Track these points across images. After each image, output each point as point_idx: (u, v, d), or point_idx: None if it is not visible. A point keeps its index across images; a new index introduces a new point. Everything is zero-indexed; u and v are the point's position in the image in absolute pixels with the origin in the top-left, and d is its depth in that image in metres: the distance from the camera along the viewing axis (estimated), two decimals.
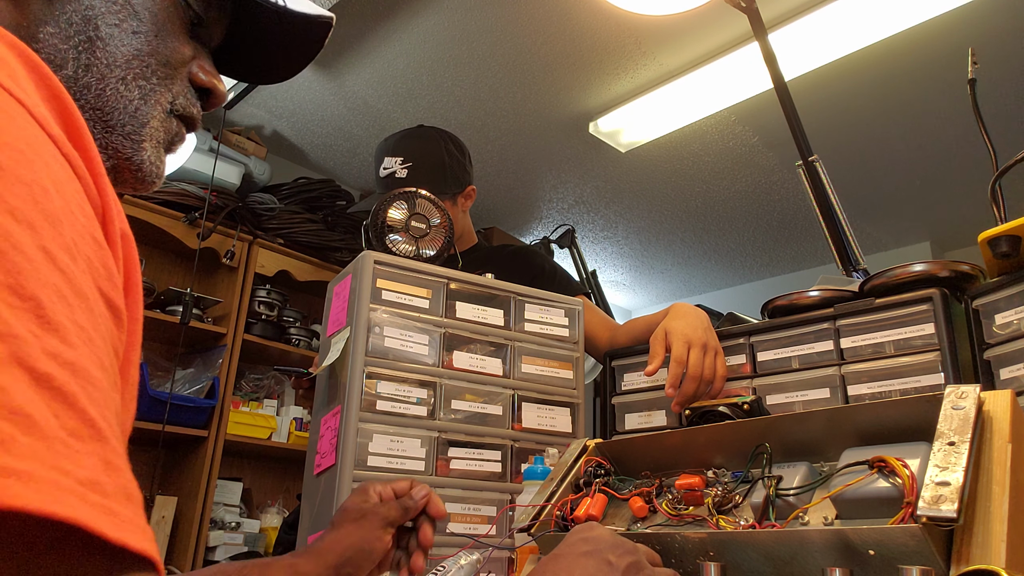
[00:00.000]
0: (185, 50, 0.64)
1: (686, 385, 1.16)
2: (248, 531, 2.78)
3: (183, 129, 0.65)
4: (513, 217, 4.09)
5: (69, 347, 0.31)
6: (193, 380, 2.74)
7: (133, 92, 0.59)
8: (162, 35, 0.61)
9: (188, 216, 2.77)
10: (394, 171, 1.68)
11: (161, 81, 0.61)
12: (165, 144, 0.63)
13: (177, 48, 0.63)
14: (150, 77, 0.60)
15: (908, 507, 0.57)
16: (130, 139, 0.59)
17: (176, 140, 0.65)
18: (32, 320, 0.30)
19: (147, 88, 0.60)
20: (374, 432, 1.10)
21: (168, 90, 0.62)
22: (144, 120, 0.60)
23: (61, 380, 0.30)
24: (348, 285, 1.18)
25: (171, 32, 0.62)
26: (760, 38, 1.42)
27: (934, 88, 2.86)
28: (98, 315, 0.35)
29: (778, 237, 4.13)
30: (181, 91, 0.64)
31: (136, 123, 0.59)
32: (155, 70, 0.61)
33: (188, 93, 0.65)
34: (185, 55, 0.64)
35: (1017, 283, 0.95)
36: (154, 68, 0.61)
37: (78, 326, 0.32)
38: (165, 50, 0.62)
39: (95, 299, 0.35)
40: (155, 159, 0.62)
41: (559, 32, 2.68)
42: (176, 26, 0.63)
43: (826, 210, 1.36)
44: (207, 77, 0.66)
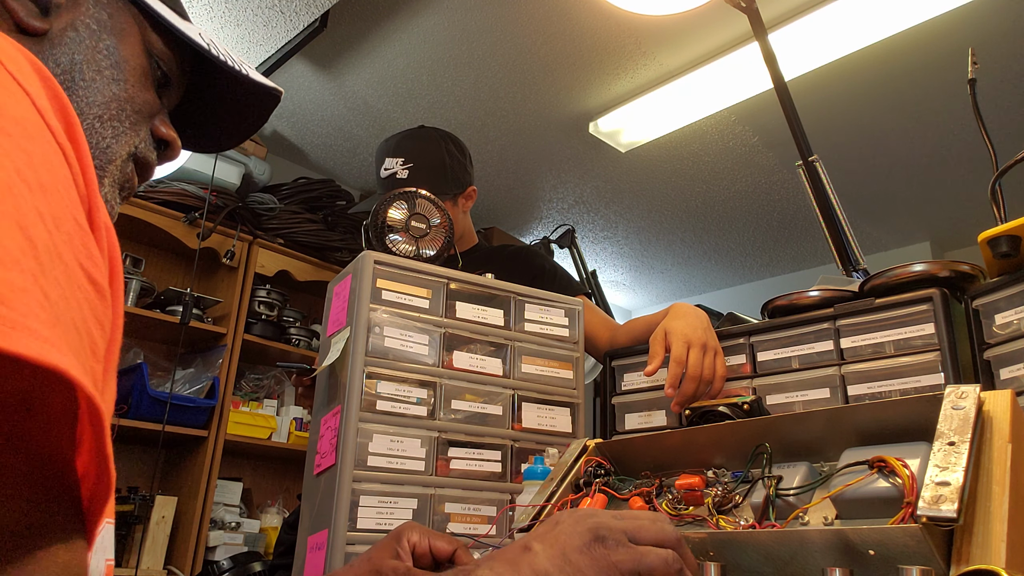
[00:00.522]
0: (153, 103, 0.71)
1: (686, 385, 1.16)
2: (248, 531, 2.78)
3: (135, 177, 0.71)
4: (513, 217, 4.09)
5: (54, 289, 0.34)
6: (193, 380, 2.74)
7: (107, 131, 0.65)
8: (137, 86, 0.68)
9: (188, 216, 2.77)
10: (395, 172, 1.68)
11: (132, 126, 0.68)
12: (120, 184, 0.68)
13: (148, 100, 0.70)
14: (124, 120, 0.67)
15: (908, 507, 0.57)
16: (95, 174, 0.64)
17: (129, 185, 0.70)
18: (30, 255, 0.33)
19: (119, 130, 0.66)
20: (374, 432, 1.10)
21: (136, 135, 0.69)
22: (111, 158, 0.65)
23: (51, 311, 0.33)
24: (348, 285, 1.18)
25: (144, 85, 0.69)
26: (760, 38, 1.42)
27: (934, 88, 2.86)
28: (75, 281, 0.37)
29: (778, 237, 4.13)
30: (144, 138, 0.70)
31: (104, 159, 0.65)
32: (128, 115, 0.67)
33: (149, 141, 0.71)
34: (155, 107, 0.71)
35: (1017, 283, 0.95)
36: (128, 113, 0.67)
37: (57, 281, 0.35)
38: (139, 99, 0.68)
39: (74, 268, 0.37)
40: (111, 198, 0.67)
41: (559, 32, 2.68)
42: (148, 81, 0.70)
43: (826, 210, 1.36)
44: (167, 130, 0.73)
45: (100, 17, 0.66)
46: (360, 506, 1.06)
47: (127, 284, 2.66)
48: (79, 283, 0.37)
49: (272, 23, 2.53)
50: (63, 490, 0.35)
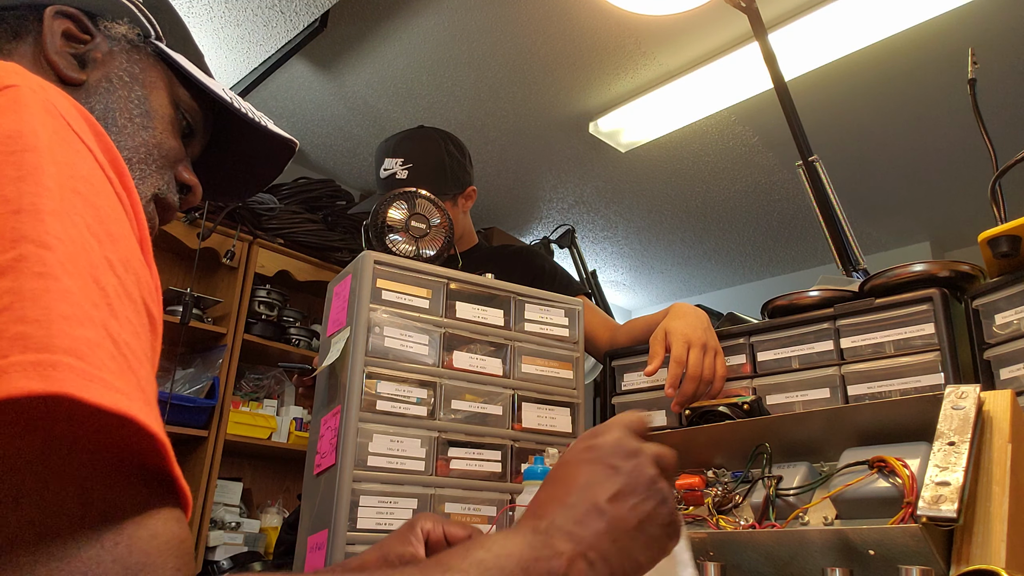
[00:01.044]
0: (179, 150, 0.77)
1: (686, 385, 1.16)
2: (248, 531, 2.78)
3: (156, 217, 0.76)
4: (513, 217, 4.09)
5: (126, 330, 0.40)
6: (193, 380, 2.74)
7: (135, 172, 0.70)
8: (165, 134, 0.74)
9: (188, 216, 2.77)
10: (394, 172, 1.68)
11: (158, 170, 0.73)
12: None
13: (174, 146, 0.76)
14: (150, 164, 0.72)
15: (908, 507, 0.57)
16: None
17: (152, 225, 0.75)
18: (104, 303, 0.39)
19: (146, 172, 0.72)
20: (374, 432, 1.10)
21: (161, 178, 0.74)
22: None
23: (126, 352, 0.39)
24: (348, 285, 1.18)
25: (171, 134, 0.75)
26: (760, 38, 1.42)
27: (934, 88, 2.86)
28: (140, 317, 0.42)
29: (778, 237, 4.13)
30: (168, 182, 0.76)
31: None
32: (156, 159, 0.73)
33: (173, 185, 0.77)
34: (179, 154, 0.77)
35: (1017, 283, 0.95)
36: (155, 158, 0.73)
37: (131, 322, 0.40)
38: (166, 146, 0.74)
39: (140, 306, 0.42)
40: None
41: (559, 32, 2.68)
42: (175, 130, 0.76)
43: (826, 210, 1.36)
44: (190, 176, 0.79)
45: (132, 71, 0.72)
46: (360, 506, 1.06)
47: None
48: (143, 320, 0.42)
49: (272, 23, 2.53)
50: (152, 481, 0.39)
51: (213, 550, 2.64)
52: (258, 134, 0.83)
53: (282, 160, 0.88)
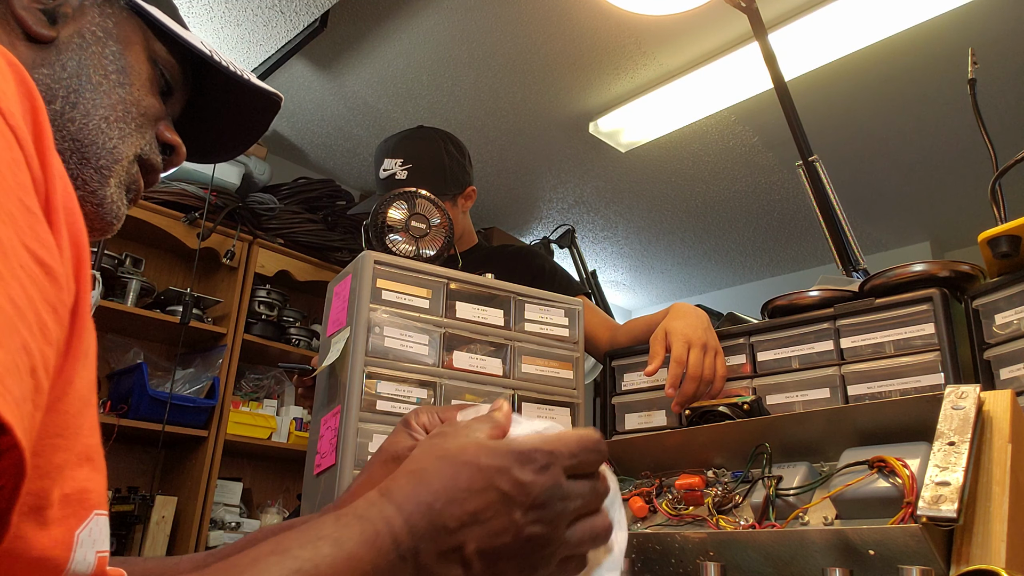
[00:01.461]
0: (158, 108, 0.73)
1: (686, 385, 1.16)
2: (248, 531, 2.78)
3: (141, 178, 0.73)
4: (513, 217, 4.09)
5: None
6: (193, 380, 2.74)
7: (113, 131, 0.67)
8: (142, 91, 0.71)
9: (188, 216, 2.77)
10: (394, 172, 1.68)
11: (138, 128, 0.70)
12: (127, 186, 0.70)
13: (153, 104, 0.72)
14: (129, 123, 0.69)
15: (908, 507, 0.57)
16: (100, 172, 0.66)
17: (135, 187, 0.72)
18: None
19: (125, 131, 0.68)
20: (374, 432, 1.10)
21: (142, 137, 0.71)
22: (118, 157, 0.67)
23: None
24: (348, 285, 1.18)
25: (149, 91, 0.72)
26: (760, 38, 1.42)
27: (934, 88, 2.86)
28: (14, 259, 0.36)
29: (778, 237, 4.13)
30: (150, 142, 0.73)
31: (110, 158, 0.67)
32: (134, 117, 0.70)
33: (154, 145, 0.73)
34: (158, 112, 0.74)
35: (1017, 283, 0.95)
36: (134, 115, 0.70)
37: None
38: (145, 103, 0.71)
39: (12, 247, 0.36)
40: (117, 198, 0.68)
41: (559, 32, 2.68)
42: (153, 87, 0.73)
43: (826, 210, 1.36)
44: (172, 135, 0.75)
45: (105, 25, 0.69)
46: None
47: (127, 284, 2.66)
48: (23, 263, 0.36)
49: (272, 23, 2.53)
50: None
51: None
52: (241, 89, 0.80)
53: (267, 116, 0.84)
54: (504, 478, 0.50)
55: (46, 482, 0.39)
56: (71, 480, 0.41)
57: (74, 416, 0.42)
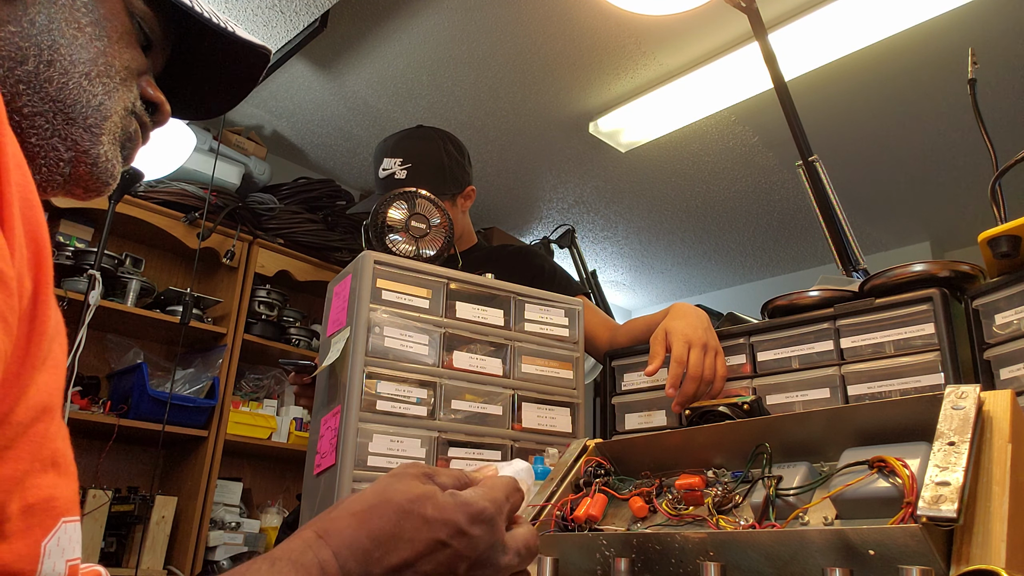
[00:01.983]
0: (140, 61, 0.68)
1: (686, 385, 1.16)
2: (248, 531, 2.78)
3: (139, 135, 0.69)
4: (513, 217, 4.09)
5: None
6: (193, 380, 2.74)
7: (97, 88, 0.62)
8: (121, 44, 0.66)
9: (188, 216, 2.77)
10: (393, 172, 1.68)
11: (122, 82, 0.65)
12: (122, 142, 0.66)
13: (135, 56, 0.67)
14: (114, 76, 0.64)
15: (908, 507, 0.57)
16: (90, 131, 0.62)
17: (133, 142, 0.68)
18: None
19: (111, 86, 0.64)
20: (374, 432, 1.10)
21: (129, 91, 0.66)
22: (106, 114, 0.63)
23: None
24: (348, 285, 1.18)
25: (129, 43, 0.67)
26: (760, 38, 1.42)
27: (934, 88, 2.86)
28: None
29: (778, 237, 4.13)
30: (136, 98, 0.68)
31: (99, 116, 0.62)
32: (118, 70, 0.65)
33: (139, 102, 0.69)
34: (143, 64, 0.68)
35: (1017, 283, 0.95)
36: (117, 69, 0.65)
37: None
38: (127, 55, 0.66)
39: None
40: (111, 156, 0.64)
41: (559, 32, 2.68)
42: (132, 40, 0.67)
43: (826, 210, 1.36)
44: (155, 92, 0.70)
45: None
46: None
47: (127, 284, 2.66)
48: None
49: (272, 23, 2.53)
50: None
51: (213, 550, 2.64)
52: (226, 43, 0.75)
53: (256, 70, 0.79)
54: (452, 533, 0.50)
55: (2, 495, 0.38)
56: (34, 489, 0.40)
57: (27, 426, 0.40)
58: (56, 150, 0.60)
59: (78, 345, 1.98)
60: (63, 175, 0.61)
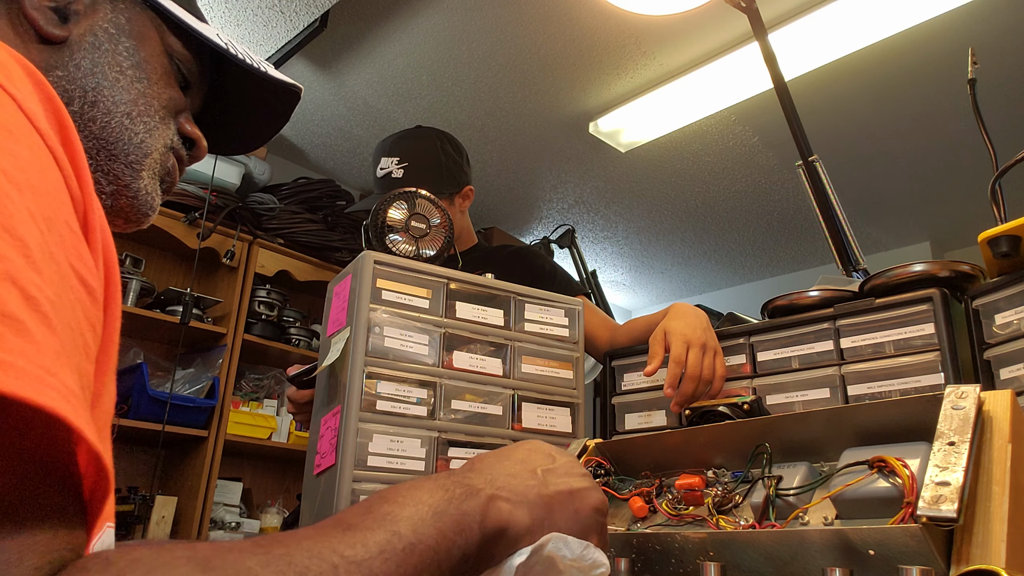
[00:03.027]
0: (179, 100, 0.72)
1: (685, 385, 1.16)
2: (248, 531, 2.78)
3: (177, 169, 0.72)
4: (513, 217, 4.09)
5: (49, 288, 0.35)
6: (193, 380, 2.74)
7: (139, 126, 0.66)
8: (161, 84, 0.70)
9: (188, 216, 2.77)
10: (390, 171, 1.68)
11: (162, 120, 0.69)
12: (161, 176, 0.70)
13: (174, 96, 0.72)
14: (154, 115, 0.68)
15: (908, 507, 0.57)
16: (131, 167, 0.66)
17: (171, 177, 0.72)
18: (21, 254, 0.34)
19: (151, 124, 0.68)
20: (374, 432, 1.10)
21: (168, 129, 0.70)
22: (147, 151, 0.67)
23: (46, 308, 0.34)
24: (348, 285, 1.18)
25: (168, 83, 0.71)
26: (760, 38, 1.42)
27: (934, 88, 2.86)
28: (68, 282, 0.37)
29: (778, 237, 4.13)
30: (175, 134, 0.72)
31: (139, 153, 0.66)
32: (157, 110, 0.69)
33: (178, 138, 0.73)
34: (179, 104, 0.73)
35: (1017, 283, 0.95)
36: (156, 108, 0.69)
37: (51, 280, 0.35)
38: (164, 96, 0.70)
39: (66, 269, 0.37)
40: (151, 190, 0.68)
41: (559, 32, 2.68)
42: (171, 81, 0.72)
43: (826, 210, 1.36)
44: (192, 128, 0.75)
45: (118, 21, 0.68)
46: None
47: (127, 284, 2.66)
48: (71, 284, 0.37)
49: (272, 23, 2.53)
50: (66, 479, 0.36)
51: None
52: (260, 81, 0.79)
53: (288, 107, 0.83)
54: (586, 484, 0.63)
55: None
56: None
57: (101, 430, 0.42)
58: (99, 184, 0.64)
59: None
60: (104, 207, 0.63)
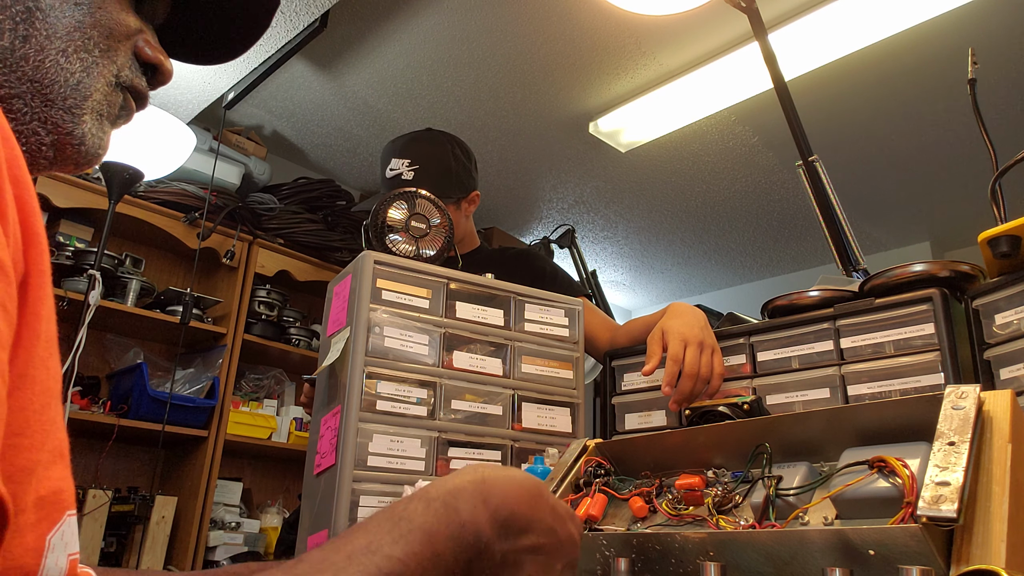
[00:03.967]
0: (130, 22, 0.63)
1: (683, 383, 1.16)
2: (248, 531, 2.78)
3: (131, 102, 0.65)
4: (513, 217, 4.09)
5: None
6: (193, 380, 2.74)
7: (74, 65, 0.58)
8: (105, 7, 0.61)
9: (188, 216, 2.77)
10: (400, 173, 1.68)
11: (104, 53, 0.61)
12: (110, 117, 0.63)
13: (121, 20, 0.62)
14: (92, 49, 0.59)
15: (908, 507, 0.57)
16: (70, 112, 0.58)
17: (123, 113, 0.64)
18: None
19: (89, 61, 0.59)
20: (374, 432, 1.10)
21: (112, 62, 0.62)
22: (86, 93, 0.59)
23: None
24: (348, 285, 1.18)
25: (114, 4, 0.62)
26: (760, 38, 1.42)
27: (934, 88, 2.86)
28: None
29: (778, 237, 4.13)
30: (126, 64, 0.63)
31: (78, 96, 0.59)
32: (98, 42, 0.60)
33: (133, 67, 0.64)
34: (130, 27, 0.63)
35: (1017, 283, 0.95)
36: (96, 40, 0.60)
37: None
38: (108, 22, 0.61)
39: None
40: (97, 131, 0.61)
41: (559, 32, 2.68)
42: (121, 2, 0.62)
43: (826, 210, 1.36)
44: (152, 52, 0.65)
45: None
46: (360, 506, 1.06)
47: (127, 284, 2.66)
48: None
49: (272, 23, 2.52)
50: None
51: (213, 550, 2.64)
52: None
53: (268, 10, 0.75)
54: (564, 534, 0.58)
55: (15, 486, 0.37)
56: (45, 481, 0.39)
57: (37, 412, 0.39)
58: (37, 134, 0.57)
59: (78, 345, 1.98)
60: (48, 158, 0.58)
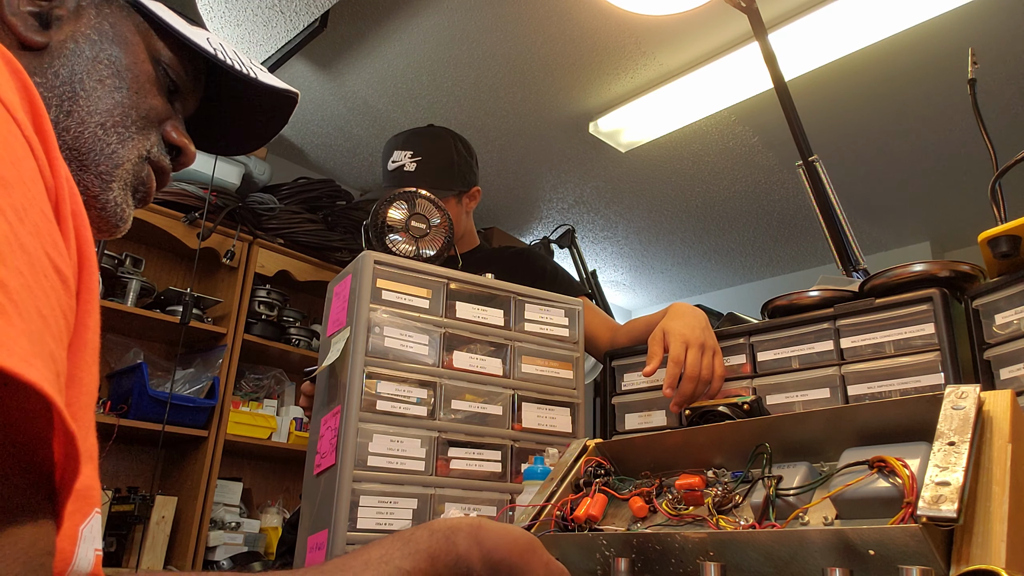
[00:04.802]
0: (162, 109, 0.72)
1: (684, 385, 1.16)
2: (248, 531, 2.78)
3: (153, 179, 0.72)
4: (513, 217, 4.09)
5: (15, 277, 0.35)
6: (193, 380, 2.74)
7: (111, 137, 0.66)
8: (142, 93, 0.69)
9: (188, 216, 2.77)
10: (402, 164, 1.68)
11: (140, 130, 0.69)
12: (133, 188, 0.70)
13: (155, 106, 0.71)
14: (129, 126, 0.68)
15: (908, 507, 0.57)
16: (101, 178, 0.66)
17: (146, 187, 0.71)
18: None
19: (125, 135, 0.67)
20: (374, 432, 1.10)
21: (146, 139, 0.70)
22: (118, 162, 0.67)
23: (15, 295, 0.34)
24: (348, 285, 1.18)
25: (150, 92, 0.70)
26: (760, 38, 1.42)
27: (934, 88, 2.86)
28: (41, 270, 0.38)
29: (778, 237, 4.13)
30: (156, 143, 0.71)
31: (110, 164, 0.66)
32: (134, 120, 0.68)
33: (161, 146, 0.72)
34: (161, 113, 0.72)
35: (1017, 283, 0.95)
36: (133, 119, 0.68)
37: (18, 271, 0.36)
38: (144, 106, 0.69)
39: (39, 257, 0.38)
40: (121, 201, 0.68)
41: (559, 32, 2.68)
42: (155, 88, 0.71)
43: (826, 210, 1.36)
44: (179, 136, 0.74)
45: (102, 28, 0.67)
46: (360, 506, 1.06)
47: (127, 284, 2.66)
48: (45, 272, 0.38)
49: (272, 23, 2.53)
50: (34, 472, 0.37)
51: (213, 550, 2.64)
52: (255, 84, 0.78)
53: (285, 112, 0.82)
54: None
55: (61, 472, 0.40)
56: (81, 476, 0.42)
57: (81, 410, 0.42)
58: None
59: None
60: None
